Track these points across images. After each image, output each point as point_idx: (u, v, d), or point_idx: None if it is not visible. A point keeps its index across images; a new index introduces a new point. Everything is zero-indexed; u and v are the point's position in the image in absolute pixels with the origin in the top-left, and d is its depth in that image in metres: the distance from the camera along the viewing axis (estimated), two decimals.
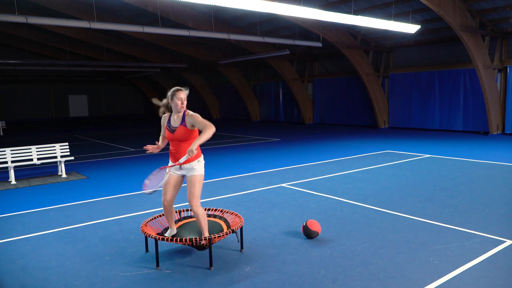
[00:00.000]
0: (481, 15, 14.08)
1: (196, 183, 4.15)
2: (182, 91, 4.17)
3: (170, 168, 4.21)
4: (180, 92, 4.15)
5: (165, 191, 4.24)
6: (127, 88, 40.21)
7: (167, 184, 4.22)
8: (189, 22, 16.32)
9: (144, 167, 9.98)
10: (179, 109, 4.14)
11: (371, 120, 19.82)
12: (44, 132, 21.62)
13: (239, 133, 18.02)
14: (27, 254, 4.50)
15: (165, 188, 4.23)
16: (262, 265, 4.07)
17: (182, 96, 4.14)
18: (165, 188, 4.23)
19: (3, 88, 33.03)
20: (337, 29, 16.99)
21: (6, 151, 8.65)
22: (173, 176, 4.24)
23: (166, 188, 4.23)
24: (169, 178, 4.22)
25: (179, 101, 4.12)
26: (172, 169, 4.23)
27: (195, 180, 4.15)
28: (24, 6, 17.25)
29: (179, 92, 4.15)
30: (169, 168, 4.20)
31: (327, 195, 6.76)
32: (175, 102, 4.13)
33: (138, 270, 4.02)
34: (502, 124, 15.36)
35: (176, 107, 4.14)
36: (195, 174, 4.17)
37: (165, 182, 4.16)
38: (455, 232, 4.87)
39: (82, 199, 6.89)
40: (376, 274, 3.80)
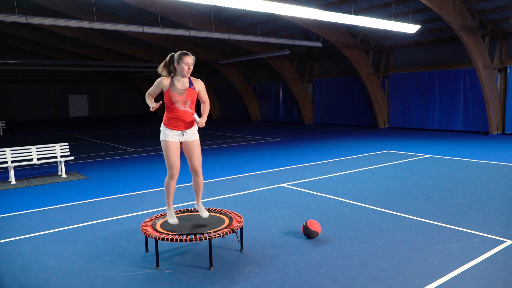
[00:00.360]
0: (481, 15, 14.08)
1: (199, 147, 4.33)
2: (189, 55, 4.10)
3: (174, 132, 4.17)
4: (188, 57, 4.08)
5: (173, 161, 4.15)
6: (127, 88, 40.22)
7: (173, 153, 4.14)
8: (189, 22, 16.33)
9: (144, 167, 9.99)
10: (185, 74, 4.09)
11: (371, 120, 19.82)
12: (44, 132, 21.62)
13: (239, 133, 18.02)
14: (27, 254, 4.50)
15: (172, 159, 4.15)
16: (262, 265, 4.07)
17: (189, 61, 4.08)
18: (173, 158, 4.15)
19: (3, 88, 33.03)
20: (337, 29, 16.99)
21: (6, 151, 8.65)
22: (175, 143, 4.18)
23: (173, 158, 4.15)
24: (173, 147, 4.15)
25: (186, 66, 4.06)
26: (174, 136, 4.18)
27: (198, 144, 4.30)
28: (24, 6, 17.25)
29: (187, 56, 4.07)
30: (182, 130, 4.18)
31: (327, 195, 6.76)
32: (181, 66, 4.06)
33: (138, 270, 4.02)
34: (502, 124, 15.36)
35: (182, 71, 4.08)
36: (197, 138, 4.29)
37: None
38: (455, 232, 4.87)
39: (82, 199, 6.89)
40: (376, 274, 3.80)
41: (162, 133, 4.26)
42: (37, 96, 35.05)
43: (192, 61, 4.12)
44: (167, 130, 4.19)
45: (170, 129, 4.18)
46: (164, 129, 4.23)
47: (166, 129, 4.20)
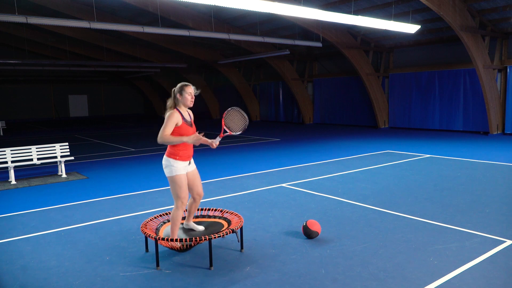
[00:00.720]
0: (481, 15, 14.08)
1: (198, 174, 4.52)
2: (190, 86, 4.22)
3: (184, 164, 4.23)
4: (190, 87, 4.20)
5: (186, 193, 4.26)
6: (127, 88, 40.22)
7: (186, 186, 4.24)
8: (189, 22, 16.32)
9: (144, 167, 9.99)
10: (189, 104, 4.20)
11: (371, 120, 19.82)
12: (44, 132, 21.62)
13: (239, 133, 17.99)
14: (27, 254, 4.50)
15: (185, 191, 4.24)
16: (262, 265, 4.07)
17: (191, 90, 4.20)
18: (186, 191, 4.25)
19: (3, 88, 33.03)
20: (337, 29, 16.99)
21: (6, 151, 8.65)
22: (185, 175, 4.25)
23: (186, 190, 4.25)
24: (185, 180, 4.23)
25: (189, 95, 4.18)
26: (186, 168, 4.25)
27: (197, 171, 4.49)
28: (24, 6, 17.25)
29: (188, 87, 4.20)
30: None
31: (327, 195, 6.76)
32: (185, 97, 4.16)
33: (138, 270, 4.02)
34: (502, 124, 15.36)
35: (186, 101, 4.18)
36: (196, 167, 4.48)
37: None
38: (455, 232, 4.87)
39: (82, 199, 6.89)
40: (376, 274, 3.80)
41: (170, 167, 4.15)
42: (37, 96, 35.05)
43: (193, 90, 4.23)
44: (178, 163, 4.16)
45: (180, 161, 4.18)
46: (173, 163, 4.15)
47: (176, 162, 4.15)
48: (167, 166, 4.18)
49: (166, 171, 4.20)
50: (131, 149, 13.49)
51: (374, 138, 15.12)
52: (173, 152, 4.17)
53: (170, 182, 4.21)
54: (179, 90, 4.17)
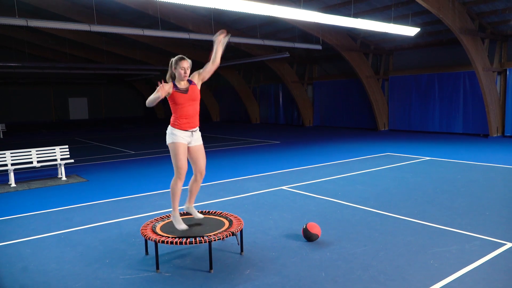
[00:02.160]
0: (481, 17, 14.11)
1: (204, 150, 4.47)
2: (185, 60, 4.23)
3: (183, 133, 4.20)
4: (184, 62, 4.21)
5: (183, 162, 4.21)
6: (127, 91, 40.23)
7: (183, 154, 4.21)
8: (189, 25, 16.35)
9: (144, 169, 9.98)
10: (182, 78, 4.23)
11: (371, 122, 19.83)
12: (44, 134, 21.63)
13: (239, 136, 18.02)
14: (27, 257, 4.50)
15: (182, 160, 4.21)
16: (262, 268, 4.07)
17: (185, 65, 4.22)
18: (183, 160, 4.21)
19: (3, 90, 33.03)
20: (337, 31, 17.01)
21: (6, 154, 8.65)
22: (184, 144, 4.24)
23: (183, 159, 4.21)
24: (182, 148, 4.21)
25: (182, 70, 4.21)
26: (184, 137, 4.23)
27: (203, 147, 4.44)
28: (24, 9, 17.28)
29: (183, 61, 4.21)
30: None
31: (327, 198, 6.76)
32: (178, 71, 4.21)
33: (138, 273, 4.01)
34: (502, 126, 15.36)
35: (179, 76, 4.22)
36: (202, 143, 4.43)
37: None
38: (455, 234, 4.87)
39: (82, 202, 6.89)
40: (376, 277, 3.79)
41: (170, 135, 4.26)
42: (37, 99, 35.05)
43: (188, 65, 4.25)
44: (177, 131, 4.22)
45: (180, 130, 4.22)
46: (173, 130, 4.24)
47: (176, 130, 4.23)
48: (169, 134, 4.27)
49: (167, 139, 4.27)
50: (131, 151, 13.49)
51: (374, 140, 15.12)
52: (173, 121, 4.26)
53: (170, 150, 4.26)
54: (175, 63, 4.22)
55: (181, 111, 4.22)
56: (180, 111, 4.22)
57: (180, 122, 4.23)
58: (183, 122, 4.23)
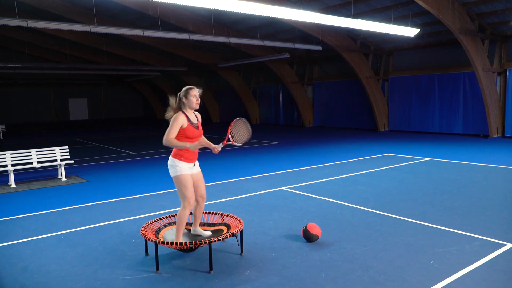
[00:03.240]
0: (481, 18, 14.11)
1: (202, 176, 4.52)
2: (195, 88, 4.29)
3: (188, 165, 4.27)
4: (194, 90, 4.27)
5: (192, 193, 4.27)
6: (127, 91, 40.26)
7: (191, 185, 4.27)
8: (189, 25, 16.35)
9: (144, 170, 9.98)
10: (195, 106, 4.27)
11: (371, 123, 19.83)
12: (44, 135, 21.63)
13: None
14: (27, 257, 4.50)
15: (191, 190, 4.26)
16: (262, 268, 4.06)
17: (196, 93, 4.27)
18: (191, 190, 4.26)
19: (3, 91, 33.05)
20: (337, 32, 17.02)
21: (6, 154, 8.65)
22: (190, 175, 4.28)
23: (191, 189, 4.26)
24: (190, 179, 4.26)
25: (194, 98, 4.24)
26: (191, 170, 4.29)
27: (202, 174, 4.48)
28: (24, 9, 17.29)
29: (193, 89, 4.27)
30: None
31: (327, 199, 6.76)
32: (190, 100, 4.23)
33: (138, 274, 4.01)
34: (502, 127, 15.37)
35: (192, 104, 4.24)
36: (200, 170, 4.49)
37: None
38: (455, 235, 4.87)
39: (82, 203, 6.89)
40: (376, 278, 3.79)
41: (174, 167, 4.22)
42: (37, 100, 35.07)
43: (198, 93, 4.29)
44: (182, 163, 4.23)
45: (185, 162, 4.24)
46: (178, 163, 4.22)
47: (181, 162, 4.22)
48: (172, 166, 4.25)
49: (171, 171, 4.26)
50: (131, 152, 13.49)
51: (374, 141, 15.12)
52: (178, 153, 4.24)
53: (176, 182, 4.25)
54: (185, 94, 4.24)
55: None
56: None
57: (186, 155, 4.24)
58: (189, 156, 4.26)
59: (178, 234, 4.28)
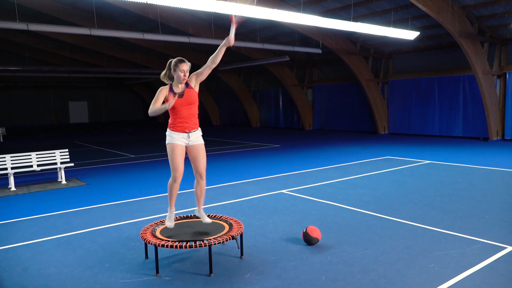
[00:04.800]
0: (480, 21, 14.14)
1: (204, 151, 4.43)
2: (185, 63, 4.25)
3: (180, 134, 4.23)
4: (184, 64, 4.22)
5: (177, 164, 4.22)
6: (127, 94, 40.28)
7: (178, 156, 4.22)
8: (189, 28, 16.39)
9: (144, 173, 9.98)
10: (181, 81, 4.25)
11: (371, 126, 19.84)
12: (44, 138, 21.63)
13: (239, 139, 18.02)
14: (27, 260, 4.49)
15: (176, 161, 4.22)
16: (262, 271, 4.06)
17: (185, 68, 4.22)
18: (177, 161, 4.22)
19: (3, 94, 33.07)
20: (337, 35, 17.05)
21: (6, 157, 8.65)
22: (180, 146, 4.26)
23: (177, 160, 4.22)
24: (178, 149, 4.22)
25: (181, 73, 4.21)
26: (180, 139, 4.25)
27: (203, 147, 4.41)
28: (24, 13, 17.32)
29: (183, 64, 4.22)
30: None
31: (327, 201, 6.75)
32: (178, 74, 4.21)
33: (138, 277, 4.01)
34: (502, 130, 15.38)
35: (178, 78, 4.22)
36: (202, 142, 4.39)
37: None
38: (456, 238, 4.86)
39: (82, 206, 6.88)
40: (377, 281, 3.79)
41: (168, 136, 4.32)
42: (37, 103, 35.09)
43: (188, 67, 4.26)
44: (173, 133, 4.27)
45: (176, 132, 4.26)
46: (170, 132, 4.31)
47: (172, 132, 4.28)
48: (167, 135, 4.33)
49: (166, 140, 4.32)
50: (131, 155, 13.49)
51: (374, 144, 15.12)
52: (170, 123, 4.32)
53: (167, 151, 4.31)
54: (174, 65, 4.22)
55: (176, 114, 4.26)
56: (175, 114, 4.26)
57: (176, 124, 4.27)
58: (179, 125, 4.27)
59: (169, 203, 4.37)
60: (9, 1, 14.18)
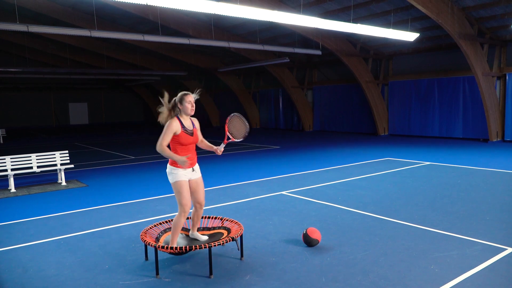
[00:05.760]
0: (480, 22, 14.16)
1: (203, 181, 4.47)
2: (190, 94, 4.27)
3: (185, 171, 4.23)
4: (189, 95, 4.26)
5: (188, 200, 4.22)
6: (127, 96, 40.31)
7: (187, 192, 4.23)
8: (189, 30, 16.41)
9: (144, 175, 9.98)
10: (190, 112, 4.26)
11: (371, 127, 19.84)
12: (44, 139, 21.63)
13: (239, 141, 17.99)
14: (27, 262, 4.48)
15: (187, 197, 4.21)
16: (262, 273, 4.05)
17: (191, 99, 4.25)
18: (187, 197, 4.22)
19: (3, 95, 33.09)
20: (337, 37, 17.07)
21: (6, 159, 8.65)
22: (187, 182, 4.26)
23: (188, 196, 4.22)
24: (186, 186, 4.23)
25: (189, 104, 4.23)
26: (187, 176, 4.25)
27: (202, 180, 4.44)
28: (25, 14, 17.35)
29: (188, 95, 4.25)
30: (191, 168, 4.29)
31: (327, 203, 6.75)
32: (185, 106, 4.22)
33: (138, 279, 4.00)
34: (502, 131, 15.37)
35: (186, 110, 4.23)
36: (201, 175, 4.44)
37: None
38: (456, 239, 4.86)
39: (82, 207, 6.88)
40: (377, 282, 3.78)
41: (172, 174, 4.21)
42: (37, 104, 35.11)
43: (193, 98, 4.28)
44: (178, 170, 4.20)
45: (181, 168, 4.22)
46: (174, 170, 4.21)
47: (176, 169, 4.20)
48: (170, 173, 4.25)
49: (169, 178, 4.26)
50: (131, 156, 13.49)
51: (374, 145, 15.12)
52: (173, 161, 4.23)
53: (173, 188, 4.26)
54: (180, 100, 4.23)
55: (182, 152, 4.21)
56: (182, 152, 4.21)
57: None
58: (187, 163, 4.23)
59: (173, 239, 4.28)
60: (10, 3, 14.20)
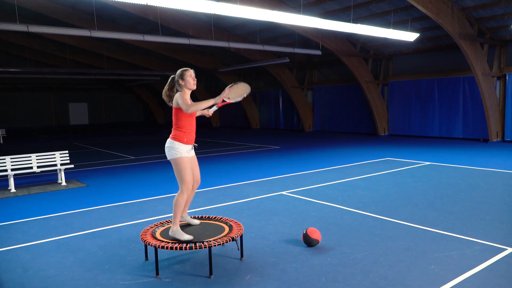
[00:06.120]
0: (480, 23, 14.16)
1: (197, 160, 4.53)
2: (189, 69, 4.30)
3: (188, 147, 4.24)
4: (190, 71, 4.29)
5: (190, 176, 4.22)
6: (128, 96, 40.32)
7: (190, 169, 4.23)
8: (189, 30, 16.42)
9: (144, 175, 9.98)
10: (193, 87, 4.27)
11: (371, 127, 19.84)
12: (44, 140, 21.63)
13: (239, 141, 18.02)
14: (26, 262, 4.48)
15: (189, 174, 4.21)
16: (262, 273, 4.05)
17: (192, 74, 4.29)
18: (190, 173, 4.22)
19: (3, 96, 33.10)
20: (337, 37, 17.07)
21: (6, 159, 8.65)
22: (189, 158, 4.26)
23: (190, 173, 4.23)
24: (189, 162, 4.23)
25: (191, 78, 4.26)
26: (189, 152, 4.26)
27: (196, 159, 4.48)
28: (25, 14, 17.36)
29: (188, 70, 4.28)
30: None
31: (327, 203, 6.75)
32: (187, 80, 4.23)
33: (138, 279, 4.00)
34: (502, 131, 15.38)
35: (189, 84, 4.25)
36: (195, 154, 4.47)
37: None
38: (456, 239, 4.86)
39: (82, 207, 6.88)
40: (377, 282, 3.78)
41: (173, 150, 4.19)
42: (37, 104, 35.12)
43: (193, 73, 4.32)
44: (181, 145, 4.19)
45: (185, 144, 4.21)
46: (178, 145, 4.18)
47: (180, 145, 4.18)
48: (172, 148, 4.20)
49: (170, 154, 4.21)
50: (131, 157, 13.49)
51: (374, 145, 15.12)
52: (179, 135, 4.21)
53: (174, 165, 4.21)
54: (181, 75, 4.24)
55: (189, 125, 4.24)
56: (188, 125, 4.23)
57: (186, 136, 4.23)
58: (189, 137, 4.26)
59: (175, 220, 4.21)
60: (10, 3, 14.20)
